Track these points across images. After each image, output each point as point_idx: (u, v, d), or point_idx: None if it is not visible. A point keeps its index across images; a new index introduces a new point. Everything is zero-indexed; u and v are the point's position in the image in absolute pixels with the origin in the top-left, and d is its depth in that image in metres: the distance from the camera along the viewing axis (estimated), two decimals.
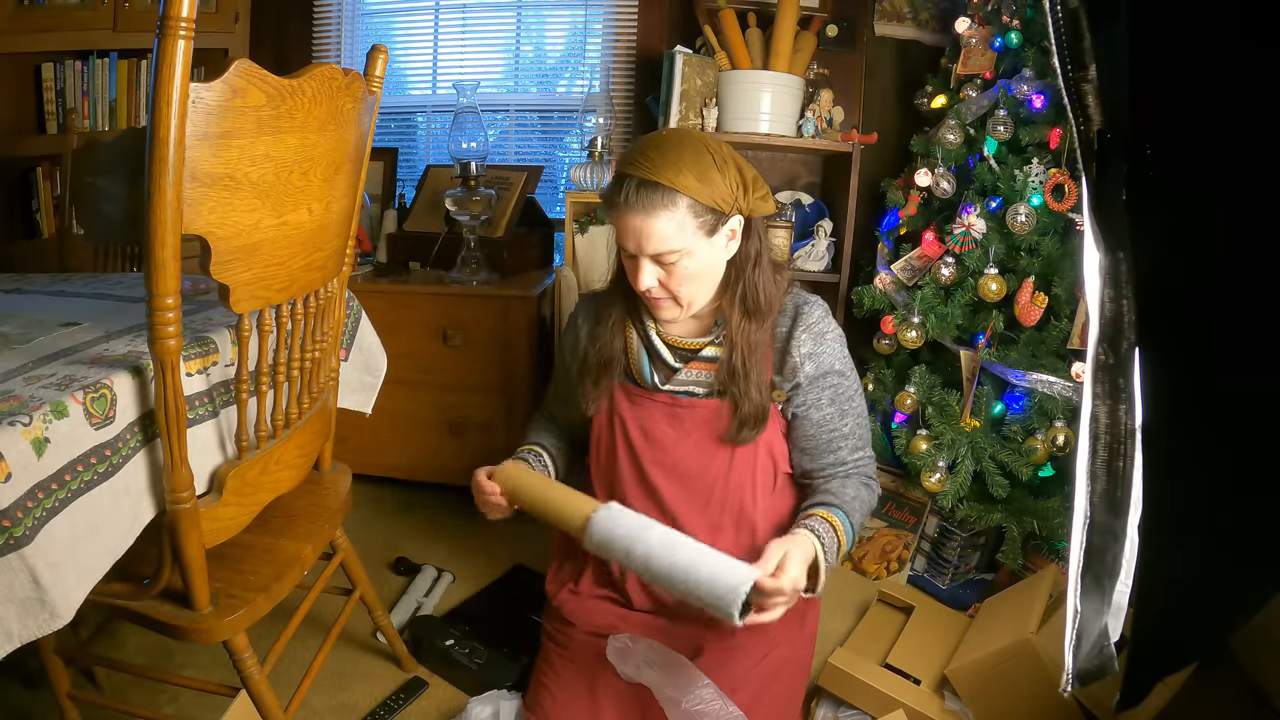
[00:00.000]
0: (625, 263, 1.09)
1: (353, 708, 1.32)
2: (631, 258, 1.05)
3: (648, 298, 1.08)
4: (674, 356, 1.16)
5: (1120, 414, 0.55)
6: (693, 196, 0.99)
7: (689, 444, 1.14)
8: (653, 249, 1.01)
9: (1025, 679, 1.19)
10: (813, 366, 1.11)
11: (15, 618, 0.72)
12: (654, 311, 1.11)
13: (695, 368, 1.14)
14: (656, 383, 1.16)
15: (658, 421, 1.15)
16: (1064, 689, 0.65)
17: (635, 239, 1.02)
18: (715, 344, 1.13)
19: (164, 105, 0.68)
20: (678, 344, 1.16)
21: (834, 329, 1.14)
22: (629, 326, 1.18)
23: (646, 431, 1.16)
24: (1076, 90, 0.50)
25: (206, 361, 0.95)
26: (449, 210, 1.88)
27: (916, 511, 1.75)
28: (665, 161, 0.98)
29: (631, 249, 1.03)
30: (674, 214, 0.99)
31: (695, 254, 1.03)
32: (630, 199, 0.99)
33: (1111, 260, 0.52)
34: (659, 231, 1.00)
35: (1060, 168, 1.55)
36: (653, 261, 1.03)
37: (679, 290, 1.05)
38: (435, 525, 1.97)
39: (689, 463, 1.14)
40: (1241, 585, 0.64)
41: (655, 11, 2.34)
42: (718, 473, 1.13)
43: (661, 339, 1.16)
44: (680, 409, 1.14)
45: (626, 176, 1.00)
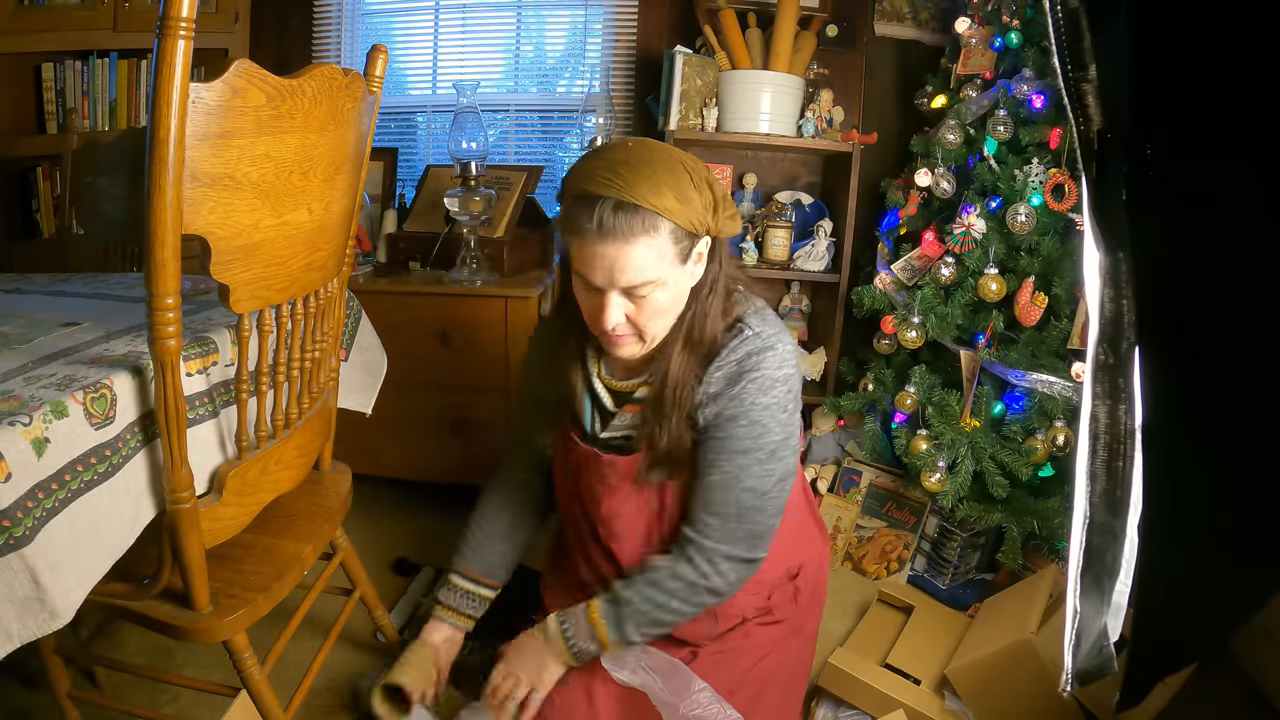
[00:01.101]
0: (581, 296, 0.93)
1: (352, 707, 1.32)
2: (596, 291, 0.90)
3: (608, 335, 0.93)
4: (611, 400, 1.06)
5: (1120, 414, 0.55)
6: (674, 220, 0.85)
7: (618, 498, 1.07)
8: (627, 281, 0.87)
9: (1025, 679, 1.19)
10: (713, 410, 0.96)
11: (15, 618, 0.72)
12: (613, 349, 0.96)
13: (630, 411, 1.04)
14: (596, 430, 1.07)
15: (588, 476, 1.08)
16: (1064, 689, 0.65)
17: (607, 271, 0.87)
18: (648, 383, 1.01)
19: (164, 105, 0.68)
20: (615, 386, 1.05)
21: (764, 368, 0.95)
22: (578, 367, 1.07)
23: (585, 486, 1.10)
24: (1076, 90, 0.50)
25: (206, 361, 0.95)
26: (449, 210, 1.88)
27: (916, 511, 1.75)
28: (641, 179, 0.83)
29: (599, 282, 0.88)
30: (655, 241, 0.85)
31: (669, 284, 0.90)
32: (605, 224, 0.84)
33: (1111, 260, 0.52)
34: (637, 261, 0.85)
35: (1060, 168, 1.55)
36: (623, 295, 0.89)
37: (647, 325, 0.92)
38: (435, 525, 1.97)
39: (622, 516, 1.07)
40: (1241, 585, 0.64)
41: (655, 11, 2.34)
42: (651, 519, 1.07)
43: (601, 382, 1.06)
44: (602, 466, 1.05)
45: (597, 198, 0.84)
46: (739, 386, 0.95)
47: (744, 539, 0.98)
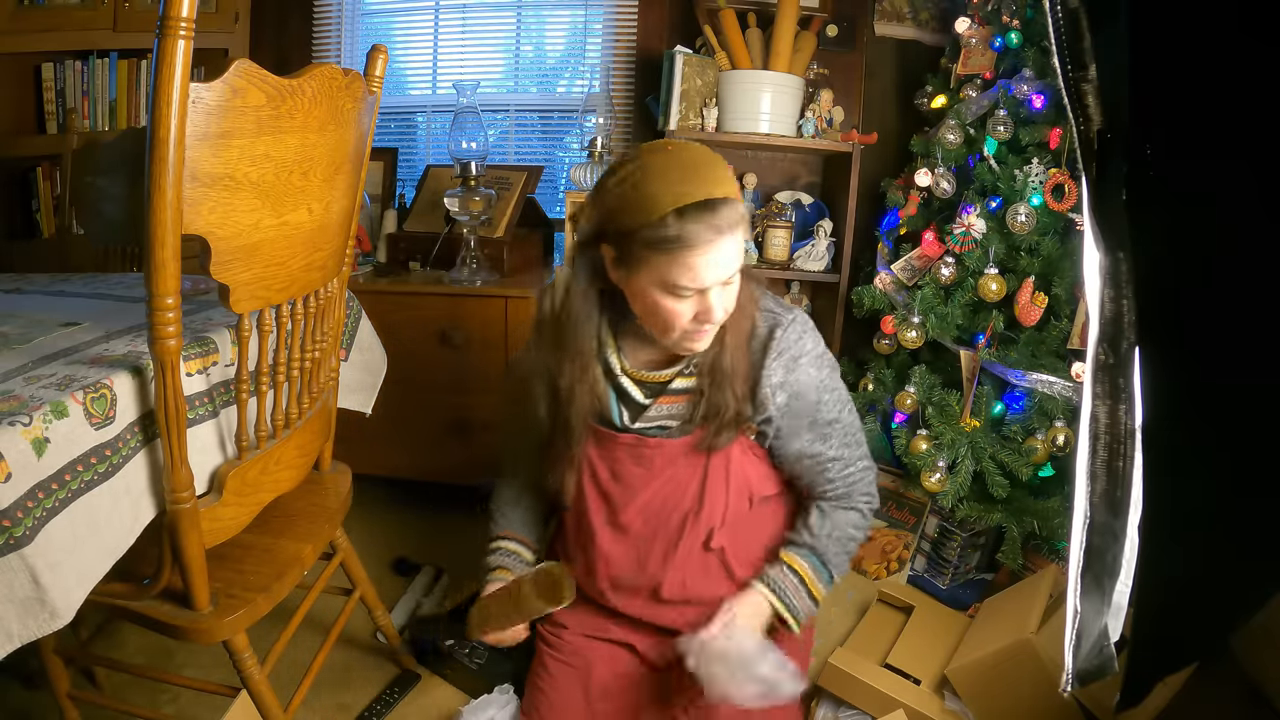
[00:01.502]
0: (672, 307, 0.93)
1: (352, 707, 1.32)
2: (693, 294, 0.92)
3: (694, 333, 0.96)
4: (643, 392, 1.07)
5: (1120, 414, 0.55)
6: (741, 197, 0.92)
7: (658, 483, 1.09)
8: (729, 271, 0.92)
9: (1025, 679, 1.19)
10: (784, 396, 1.03)
11: (15, 618, 0.72)
12: (692, 345, 0.98)
13: (665, 402, 1.06)
14: (626, 422, 1.08)
15: (625, 463, 1.09)
16: (1064, 689, 0.65)
17: (720, 269, 0.90)
18: (685, 374, 1.05)
19: (164, 105, 0.68)
20: (646, 379, 1.07)
21: (811, 350, 1.04)
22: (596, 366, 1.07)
23: (616, 473, 1.10)
24: (1076, 90, 0.50)
25: (206, 361, 0.95)
26: (449, 210, 1.88)
27: (916, 511, 1.75)
28: (718, 174, 0.90)
29: (710, 281, 0.90)
30: (744, 225, 0.91)
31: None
32: (720, 224, 0.87)
33: (1111, 260, 0.52)
34: (739, 249, 0.92)
35: (1060, 168, 1.55)
36: (721, 286, 0.93)
37: (733, 305, 0.97)
38: (435, 525, 1.97)
39: (659, 501, 1.10)
40: (1241, 585, 0.64)
41: (655, 11, 2.34)
42: (689, 507, 1.09)
43: (629, 376, 1.07)
44: (647, 449, 1.08)
45: (706, 203, 0.87)
46: (799, 371, 1.03)
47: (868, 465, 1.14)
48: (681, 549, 1.10)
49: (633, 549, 1.11)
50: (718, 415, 1.02)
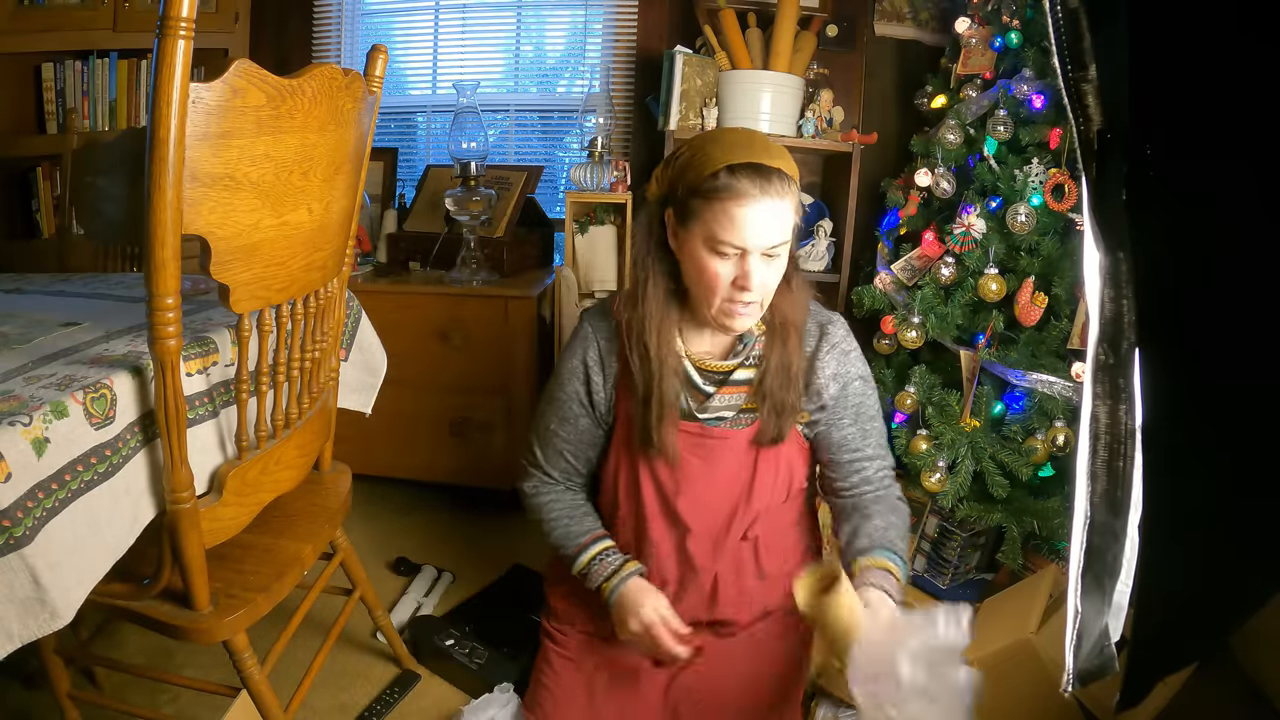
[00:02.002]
0: (710, 265, 0.97)
1: (352, 707, 1.32)
2: (734, 257, 0.96)
3: (734, 307, 0.99)
4: (705, 381, 1.09)
5: (1120, 414, 0.55)
6: (796, 182, 0.97)
7: (716, 473, 1.11)
8: (773, 239, 0.96)
9: (1025, 679, 1.19)
10: (837, 386, 1.10)
11: (15, 618, 0.72)
12: (732, 322, 1.01)
13: (727, 392, 1.09)
14: (691, 409, 1.09)
15: (685, 452, 1.10)
16: (1064, 689, 0.65)
17: (760, 231, 0.94)
18: (746, 365, 1.08)
19: (164, 105, 0.68)
20: (708, 367, 1.09)
21: (855, 346, 1.13)
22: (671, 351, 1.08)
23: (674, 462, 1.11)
24: (1076, 90, 0.50)
25: (206, 361, 0.95)
26: (449, 210, 1.88)
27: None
28: (777, 151, 0.96)
29: (751, 243, 0.95)
30: (792, 202, 0.97)
31: (787, 248, 1.00)
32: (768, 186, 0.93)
33: (1111, 260, 0.52)
34: (784, 218, 0.96)
35: (1060, 168, 1.55)
36: (760, 259, 0.97)
37: (771, 289, 1.01)
38: (435, 525, 1.97)
39: (715, 492, 1.11)
40: (1242, 585, 0.64)
41: (655, 11, 2.34)
42: (740, 497, 1.12)
43: (692, 363, 1.09)
44: (711, 440, 1.10)
45: (759, 165, 0.94)
46: (849, 364, 1.11)
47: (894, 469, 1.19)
48: (729, 542, 1.12)
49: (682, 540, 1.12)
50: (780, 410, 1.06)
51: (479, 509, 2.04)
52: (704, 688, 1.11)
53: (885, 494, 1.14)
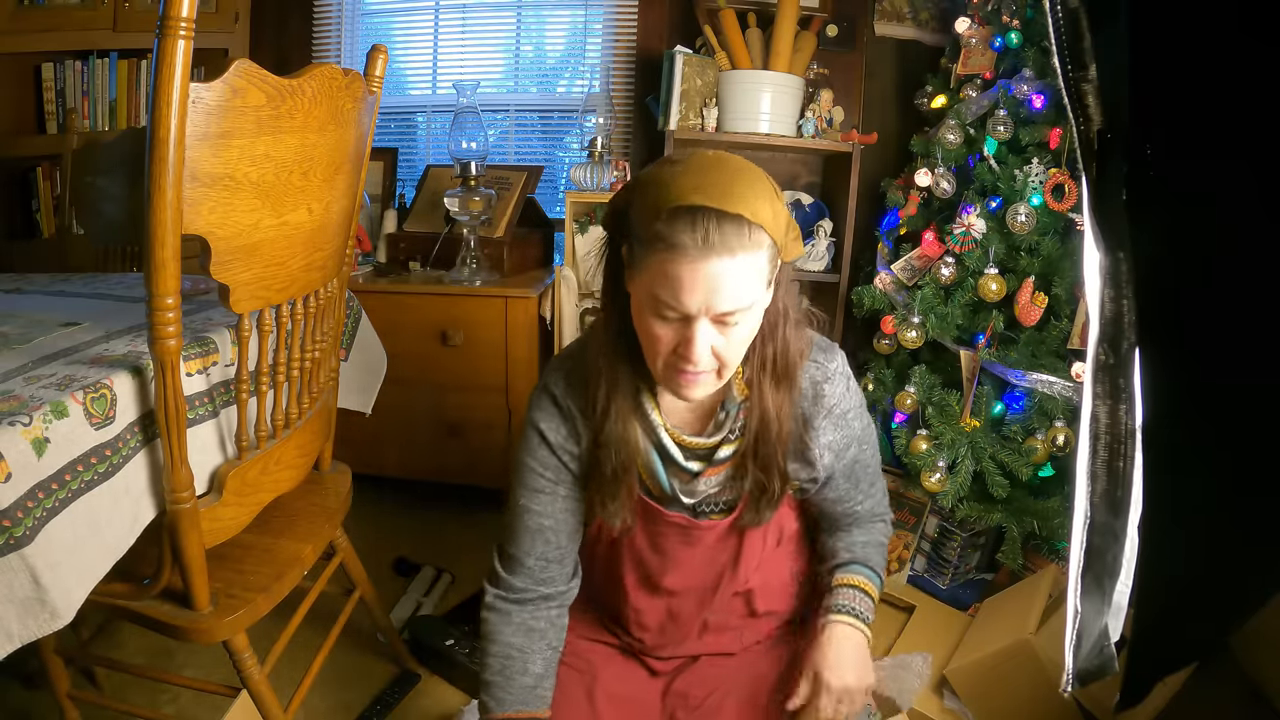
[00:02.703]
0: (652, 328, 0.79)
1: (352, 707, 1.32)
2: (676, 321, 0.77)
3: (680, 373, 0.80)
4: (687, 457, 0.92)
5: (1120, 414, 0.55)
6: (771, 235, 0.75)
7: (702, 558, 1.00)
8: (725, 304, 0.75)
9: (1025, 679, 1.19)
10: (832, 456, 0.94)
11: (16, 618, 0.72)
12: (682, 389, 0.82)
13: (713, 473, 0.92)
14: (677, 492, 0.93)
15: (670, 540, 0.97)
16: (1064, 689, 0.65)
17: (706, 294, 0.74)
18: (730, 440, 0.90)
19: (164, 105, 0.68)
20: (689, 444, 0.91)
21: (855, 402, 0.94)
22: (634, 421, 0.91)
23: (656, 546, 0.98)
24: (1076, 90, 0.50)
25: (206, 361, 0.95)
26: (449, 210, 1.88)
27: (916, 511, 1.75)
28: (741, 190, 0.73)
29: (692, 307, 0.75)
30: (756, 258, 0.75)
31: (755, 309, 0.79)
32: (711, 239, 0.72)
33: (1111, 260, 0.52)
34: (737, 281, 0.74)
35: (1060, 168, 1.55)
36: (714, 323, 0.77)
37: (729, 360, 0.80)
38: (435, 525, 1.97)
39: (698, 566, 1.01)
40: (1242, 585, 0.64)
41: (655, 11, 2.34)
42: (726, 563, 1.02)
43: (672, 438, 0.91)
44: (699, 531, 0.96)
45: (700, 209, 0.72)
46: (849, 427, 0.95)
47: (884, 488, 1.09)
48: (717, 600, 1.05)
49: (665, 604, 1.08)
50: (762, 495, 0.92)
51: (479, 509, 2.03)
52: (700, 691, 1.11)
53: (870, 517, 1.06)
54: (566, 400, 0.92)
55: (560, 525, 0.96)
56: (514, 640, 0.97)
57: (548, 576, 0.98)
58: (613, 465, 0.89)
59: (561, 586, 1.00)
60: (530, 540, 0.96)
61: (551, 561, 0.97)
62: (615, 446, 0.89)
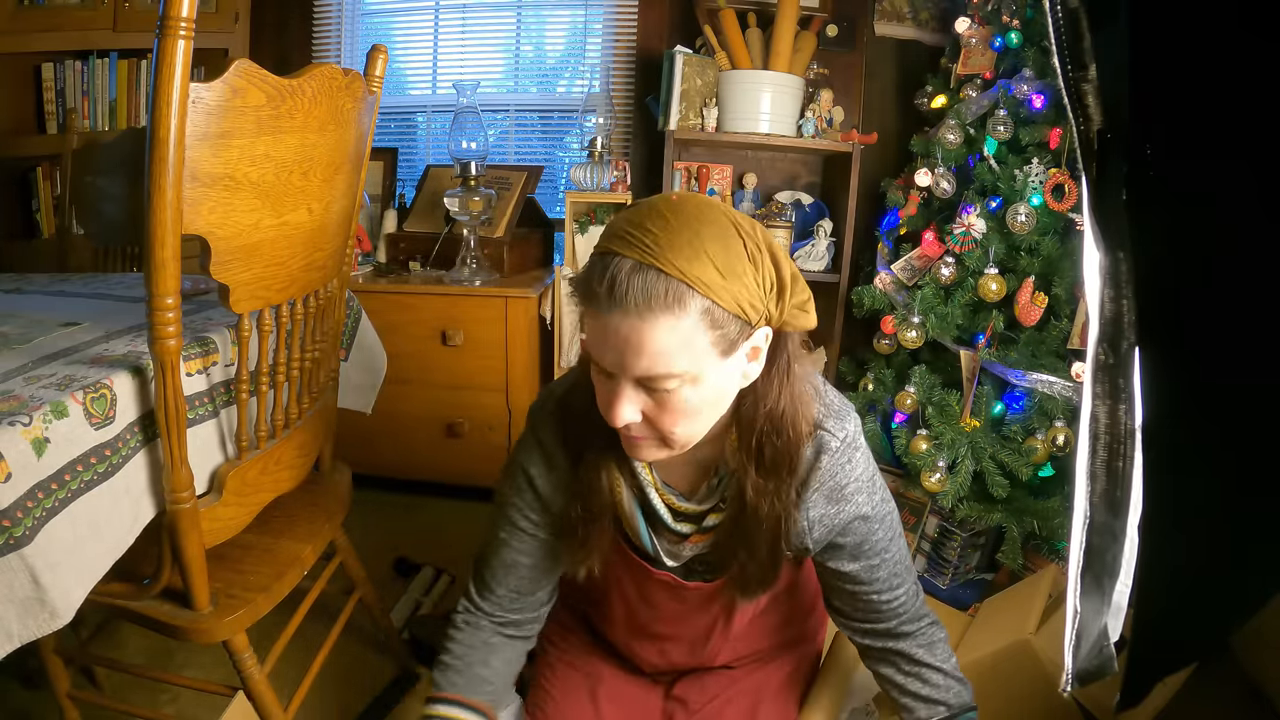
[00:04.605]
0: (595, 378, 0.73)
1: (352, 707, 1.32)
2: (608, 376, 0.70)
3: (623, 433, 0.74)
4: (676, 520, 0.85)
5: (1120, 414, 0.55)
6: (711, 297, 0.64)
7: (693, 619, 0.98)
8: (642, 369, 0.66)
9: (1024, 679, 1.19)
10: (823, 531, 0.84)
11: (15, 618, 0.72)
12: (630, 452, 0.77)
13: (700, 540, 0.86)
14: (660, 554, 0.88)
15: (658, 594, 0.94)
16: (1064, 689, 0.65)
17: (618, 351, 0.66)
18: (719, 509, 0.84)
19: (164, 105, 0.68)
20: (678, 508, 0.85)
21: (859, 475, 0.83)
22: (615, 471, 0.83)
23: (648, 600, 0.96)
24: (1076, 90, 0.50)
25: (206, 361, 0.95)
26: (449, 210, 1.88)
27: (916, 511, 1.75)
28: (676, 241, 0.64)
29: (609, 364, 0.68)
30: (679, 322, 0.64)
31: (701, 380, 0.68)
32: (617, 292, 0.63)
33: (1111, 260, 0.52)
34: (655, 346, 0.65)
35: (1060, 168, 1.55)
36: (637, 387, 0.69)
37: (671, 430, 0.71)
38: (435, 525, 1.97)
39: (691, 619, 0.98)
40: (1242, 585, 0.64)
41: (655, 11, 2.34)
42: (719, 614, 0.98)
43: (661, 498, 0.84)
44: (688, 592, 0.92)
45: (614, 256, 0.65)
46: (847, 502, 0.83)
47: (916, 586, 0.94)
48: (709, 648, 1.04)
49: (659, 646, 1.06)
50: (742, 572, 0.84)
51: (479, 509, 2.03)
52: (700, 696, 1.11)
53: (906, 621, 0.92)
54: (555, 450, 0.86)
55: (537, 565, 0.93)
56: (478, 641, 0.96)
57: (516, 607, 0.96)
58: (578, 513, 0.84)
59: (530, 614, 0.98)
60: (505, 573, 0.94)
61: (523, 594, 0.95)
62: (585, 495, 0.83)
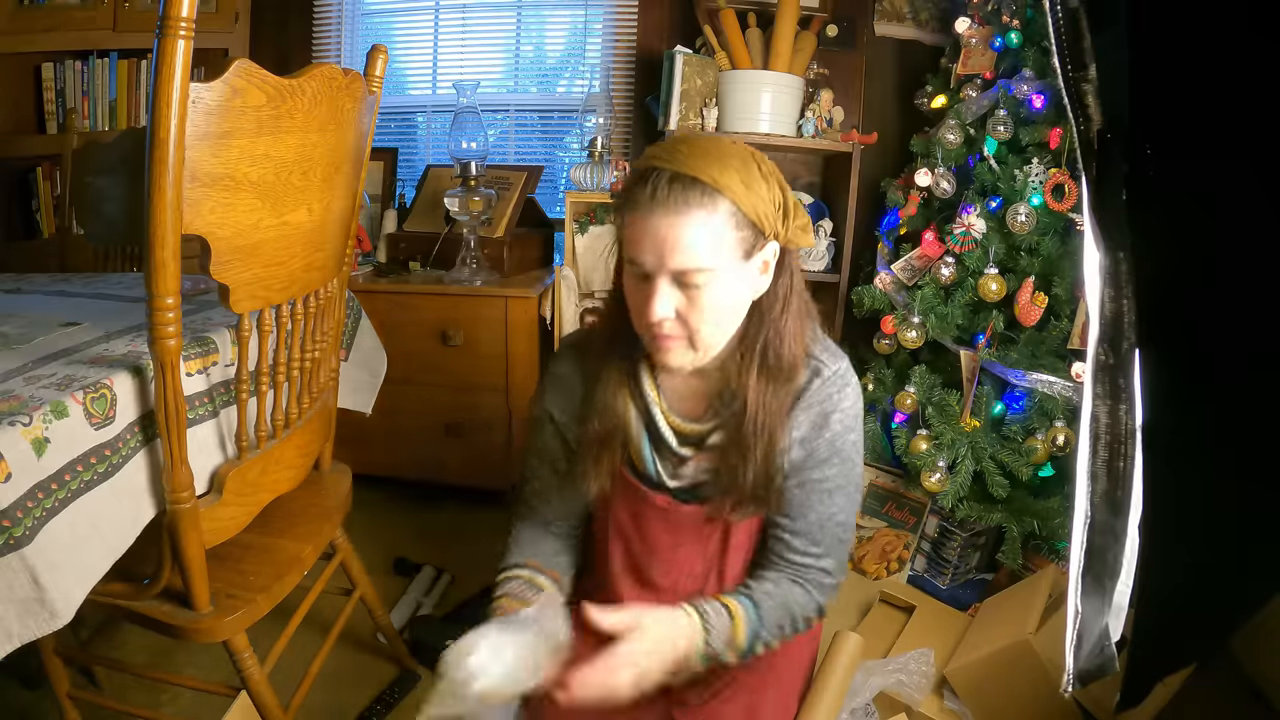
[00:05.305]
0: (631, 289, 0.84)
1: (353, 707, 1.32)
2: (644, 278, 0.82)
3: (654, 337, 0.84)
4: (679, 442, 0.93)
5: (1120, 414, 0.55)
6: (735, 202, 0.78)
7: (686, 547, 0.99)
8: (678, 262, 0.78)
9: (1024, 679, 1.19)
10: (801, 453, 0.91)
11: (15, 618, 0.72)
12: (659, 355, 0.86)
13: (702, 459, 0.92)
14: (662, 476, 0.94)
15: (653, 524, 0.98)
16: (1064, 689, 0.65)
17: (657, 248, 0.78)
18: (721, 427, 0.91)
19: (164, 105, 0.68)
20: (682, 429, 0.93)
21: (848, 407, 0.91)
22: (628, 396, 0.93)
23: (642, 533, 1.00)
24: (1076, 90, 0.50)
25: (206, 361, 0.95)
26: (449, 210, 1.88)
27: (916, 511, 1.75)
28: (706, 157, 0.79)
29: (649, 263, 0.80)
30: (711, 218, 0.78)
31: (724, 278, 0.81)
32: (658, 195, 0.77)
33: (1111, 260, 0.52)
34: (691, 239, 0.77)
35: (1060, 168, 1.55)
36: (673, 282, 0.80)
37: (699, 327, 0.82)
38: (435, 525, 1.97)
39: (685, 562, 1.00)
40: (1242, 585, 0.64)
41: (655, 11, 2.34)
42: (713, 557, 1.00)
43: (667, 422, 0.93)
44: (681, 517, 0.96)
45: (654, 170, 0.79)
46: (827, 429, 0.90)
47: (839, 567, 0.97)
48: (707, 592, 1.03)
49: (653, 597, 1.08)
50: (738, 488, 0.89)
51: (479, 509, 2.04)
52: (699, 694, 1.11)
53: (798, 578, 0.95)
54: (574, 379, 0.97)
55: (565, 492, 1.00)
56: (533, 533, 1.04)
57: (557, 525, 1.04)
58: (594, 430, 0.92)
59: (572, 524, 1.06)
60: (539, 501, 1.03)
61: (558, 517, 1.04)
62: (600, 413, 0.92)
